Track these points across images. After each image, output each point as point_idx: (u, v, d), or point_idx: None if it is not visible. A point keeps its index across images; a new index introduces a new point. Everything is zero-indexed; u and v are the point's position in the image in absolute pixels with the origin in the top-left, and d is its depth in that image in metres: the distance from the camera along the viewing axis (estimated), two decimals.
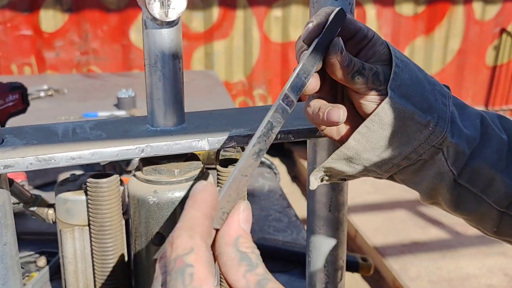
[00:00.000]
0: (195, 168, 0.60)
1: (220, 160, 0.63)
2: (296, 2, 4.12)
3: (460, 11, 4.48)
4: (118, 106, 1.99)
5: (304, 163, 4.06)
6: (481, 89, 4.70)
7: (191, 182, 0.58)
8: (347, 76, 0.52)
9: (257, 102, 4.35)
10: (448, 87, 0.59)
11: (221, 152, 0.65)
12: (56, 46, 3.90)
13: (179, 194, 0.57)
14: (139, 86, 2.06)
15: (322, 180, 0.60)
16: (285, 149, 4.46)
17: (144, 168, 0.58)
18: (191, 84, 2.35)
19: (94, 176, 0.59)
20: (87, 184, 0.58)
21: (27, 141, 0.55)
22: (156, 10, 0.54)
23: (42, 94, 2.19)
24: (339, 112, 0.53)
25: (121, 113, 1.92)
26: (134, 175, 0.59)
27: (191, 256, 0.34)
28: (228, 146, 0.57)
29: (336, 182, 0.63)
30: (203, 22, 4.06)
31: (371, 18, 4.32)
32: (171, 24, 0.56)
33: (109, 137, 0.57)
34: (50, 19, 3.86)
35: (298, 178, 4.15)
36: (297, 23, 4.21)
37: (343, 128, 0.57)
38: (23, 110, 1.13)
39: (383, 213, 3.33)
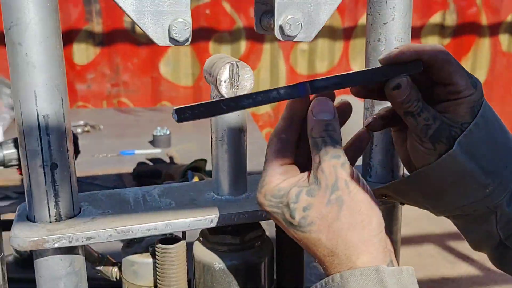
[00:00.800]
0: (257, 234, 0.63)
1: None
2: (322, 36, 4.18)
3: (486, 43, 4.49)
4: (153, 143, 2.04)
5: None
6: (509, 120, 4.67)
7: (253, 249, 0.61)
8: (399, 110, 0.54)
9: None
10: None
11: None
12: (87, 78, 4.02)
13: (243, 260, 0.60)
14: (172, 122, 2.10)
15: (382, 197, 0.61)
16: None
17: (210, 236, 0.61)
18: None
19: (162, 241, 0.62)
20: (156, 249, 0.61)
21: (103, 210, 0.59)
22: (225, 90, 0.58)
23: (79, 130, 2.25)
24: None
25: (157, 151, 1.96)
26: (200, 240, 0.63)
27: None
28: None
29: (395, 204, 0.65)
30: (230, 55, 4.13)
31: None
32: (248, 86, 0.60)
33: (178, 205, 0.60)
34: (83, 52, 3.97)
35: None
36: (323, 56, 4.27)
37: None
38: (75, 157, 1.17)
39: (412, 247, 3.31)
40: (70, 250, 0.55)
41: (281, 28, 0.58)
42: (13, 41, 0.52)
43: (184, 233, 0.62)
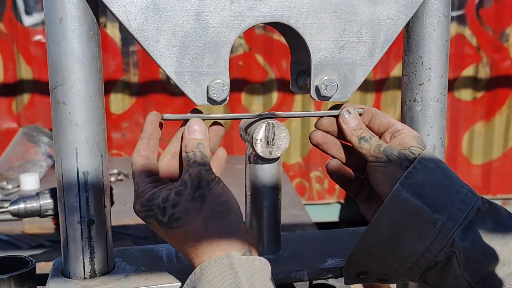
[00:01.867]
0: None
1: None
2: None
3: None
4: None
5: None
6: None
7: None
8: (353, 138, 0.61)
9: (314, 184, 4.37)
10: (485, 201, 0.60)
11: None
12: (122, 127, 4.11)
13: None
14: None
15: (358, 276, 0.61)
16: None
17: None
18: None
19: None
20: None
21: (136, 267, 0.59)
22: (261, 149, 0.58)
23: (112, 179, 2.29)
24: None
25: None
26: None
27: None
28: (325, 277, 0.58)
29: (376, 283, 0.63)
30: (262, 106, 4.19)
31: None
32: (273, 160, 0.60)
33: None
34: (119, 102, 4.08)
35: None
36: (355, 104, 4.27)
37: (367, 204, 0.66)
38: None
39: None
40: None
41: (317, 88, 0.58)
42: (57, 100, 0.53)
43: None
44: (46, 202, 1.10)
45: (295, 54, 0.63)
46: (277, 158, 0.60)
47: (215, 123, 0.62)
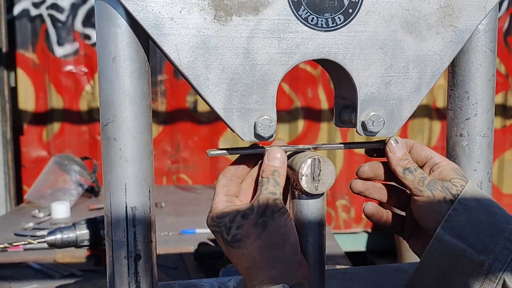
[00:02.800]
0: None
1: None
2: None
3: None
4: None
5: None
6: None
7: None
8: (398, 168, 0.61)
9: (340, 212, 4.32)
10: None
11: None
12: None
13: None
14: None
15: None
16: (367, 261, 4.32)
17: None
18: None
19: None
20: None
21: None
22: (307, 184, 0.58)
23: None
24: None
25: None
26: None
27: None
28: None
29: None
30: (288, 133, 4.19)
31: None
32: (318, 196, 0.59)
33: None
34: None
35: None
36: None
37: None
38: None
39: None
40: None
41: (363, 124, 0.58)
42: (108, 136, 0.54)
43: None
44: (83, 232, 1.10)
45: (338, 89, 0.63)
46: (322, 194, 0.60)
47: None
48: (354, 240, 4.39)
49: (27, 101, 4.03)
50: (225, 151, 0.60)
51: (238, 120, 0.56)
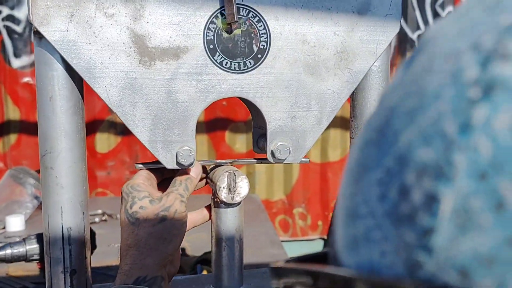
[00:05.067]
0: None
1: None
2: (334, 126, 4.32)
3: None
4: None
5: None
6: None
7: None
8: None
9: (297, 220, 4.43)
10: None
11: None
12: (108, 165, 4.17)
13: None
14: None
15: None
16: None
17: None
18: None
19: None
20: None
21: None
22: (224, 195, 0.66)
23: (97, 219, 2.34)
24: None
25: None
26: None
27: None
28: None
29: None
30: (245, 144, 4.29)
31: None
32: (235, 205, 0.68)
33: None
34: (104, 141, 4.16)
35: None
36: (335, 145, 4.38)
37: None
38: (91, 253, 1.25)
39: None
40: None
41: (272, 152, 0.67)
42: (46, 166, 0.62)
43: None
44: (32, 247, 1.16)
45: (255, 121, 0.72)
46: (239, 203, 0.69)
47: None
48: (311, 247, 4.51)
49: None
50: (151, 164, 0.68)
51: (162, 150, 0.64)
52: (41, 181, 0.63)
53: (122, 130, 4.18)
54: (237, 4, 0.62)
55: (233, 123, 4.20)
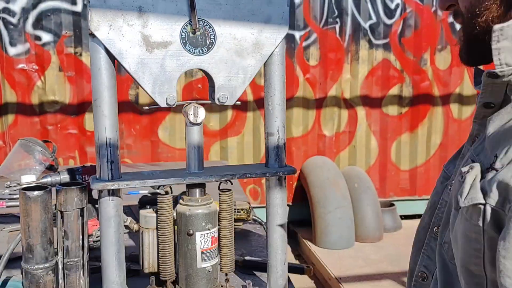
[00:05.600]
0: (208, 199, 1.26)
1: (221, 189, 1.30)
2: (297, 105, 4.91)
3: (440, 111, 5.22)
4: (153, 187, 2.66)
5: (308, 243, 4.63)
6: None
7: (207, 205, 1.24)
8: None
9: (265, 189, 5.01)
10: None
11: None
12: None
13: (201, 211, 1.23)
14: None
15: None
16: (289, 229, 5.04)
17: (184, 197, 1.24)
18: None
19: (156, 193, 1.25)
20: (158, 202, 1.24)
21: None
22: (191, 118, 1.23)
23: None
24: None
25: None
26: (180, 203, 1.26)
27: None
28: (224, 179, 1.23)
29: None
30: (219, 122, 4.84)
31: (362, 118, 5.07)
32: (198, 124, 1.24)
33: (167, 175, 1.23)
34: (93, 121, 4.67)
35: (301, 256, 4.69)
36: (298, 122, 4.97)
37: None
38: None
39: (371, 282, 3.85)
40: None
41: (218, 99, 1.23)
42: (96, 105, 1.17)
43: (171, 188, 1.24)
44: (65, 176, 1.71)
45: (209, 83, 1.28)
46: (200, 123, 1.24)
47: None
48: None
49: None
50: (153, 105, 1.24)
51: (158, 97, 1.19)
52: (93, 114, 1.18)
53: None
54: (198, 18, 1.18)
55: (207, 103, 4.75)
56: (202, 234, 1.24)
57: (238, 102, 1.26)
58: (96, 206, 1.34)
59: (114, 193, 1.17)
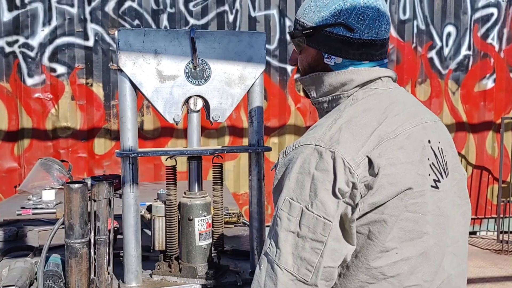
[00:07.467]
0: (204, 193, 1.66)
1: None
2: (289, 132, 5.34)
3: None
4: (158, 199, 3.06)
5: None
6: None
7: (204, 198, 1.64)
8: None
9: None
10: None
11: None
12: (104, 165, 5.09)
13: (198, 202, 1.63)
14: None
15: None
16: None
17: (186, 192, 1.65)
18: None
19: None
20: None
21: None
22: (192, 106, 1.63)
23: None
24: None
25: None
26: (182, 196, 1.66)
27: None
28: (216, 153, 1.64)
29: None
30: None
31: None
32: (197, 112, 1.66)
33: (174, 151, 1.64)
34: (101, 145, 5.09)
35: None
36: None
37: None
38: (119, 189, 2.20)
39: None
40: None
41: (212, 118, 1.65)
42: (122, 121, 1.58)
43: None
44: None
45: (206, 106, 1.70)
46: (199, 111, 1.65)
47: None
48: None
49: (1, 122, 4.89)
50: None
51: (168, 116, 1.61)
52: (119, 128, 1.59)
53: (115, 136, 5.14)
54: (198, 58, 1.60)
55: (206, 130, 5.18)
56: (200, 220, 1.63)
57: (225, 123, 1.67)
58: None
59: (133, 180, 1.58)
